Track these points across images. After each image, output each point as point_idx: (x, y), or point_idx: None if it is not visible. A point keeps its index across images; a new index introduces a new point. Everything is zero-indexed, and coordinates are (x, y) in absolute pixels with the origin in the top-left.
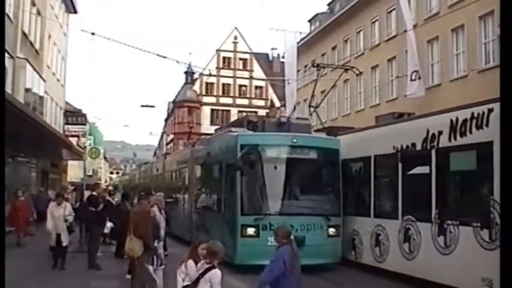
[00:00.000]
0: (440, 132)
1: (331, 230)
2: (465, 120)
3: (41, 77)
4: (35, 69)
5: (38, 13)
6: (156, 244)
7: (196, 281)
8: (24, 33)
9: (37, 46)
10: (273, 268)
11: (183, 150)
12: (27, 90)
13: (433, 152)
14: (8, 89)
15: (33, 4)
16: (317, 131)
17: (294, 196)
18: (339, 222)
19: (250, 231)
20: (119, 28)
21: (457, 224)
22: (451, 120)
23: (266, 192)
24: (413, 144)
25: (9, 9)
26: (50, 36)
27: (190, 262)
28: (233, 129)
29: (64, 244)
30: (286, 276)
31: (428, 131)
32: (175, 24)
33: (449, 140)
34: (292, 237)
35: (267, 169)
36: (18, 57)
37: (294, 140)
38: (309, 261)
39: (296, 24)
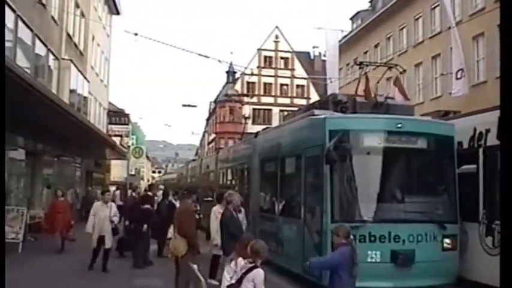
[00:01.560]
0: (487, 131)
1: (447, 242)
2: None
3: (85, 77)
4: (79, 70)
5: (82, 15)
6: None
7: (240, 281)
8: (68, 35)
9: (81, 47)
10: (323, 262)
11: (242, 142)
12: (72, 91)
13: (481, 150)
14: (53, 89)
15: (77, 6)
16: None
17: (399, 198)
18: (456, 230)
19: None
20: (161, 28)
21: None
22: (499, 118)
23: (364, 192)
24: (460, 143)
25: (54, 12)
26: (93, 38)
27: (241, 260)
28: (316, 111)
29: (107, 246)
30: (340, 277)
31: (475, 130)
32: (217, 24)
33: (498, 138)
34: (351, 237)
35: (364, 162)
36: (63, 58)
37: (399, 125)
38: (419, 283)
39: (338, 22)
